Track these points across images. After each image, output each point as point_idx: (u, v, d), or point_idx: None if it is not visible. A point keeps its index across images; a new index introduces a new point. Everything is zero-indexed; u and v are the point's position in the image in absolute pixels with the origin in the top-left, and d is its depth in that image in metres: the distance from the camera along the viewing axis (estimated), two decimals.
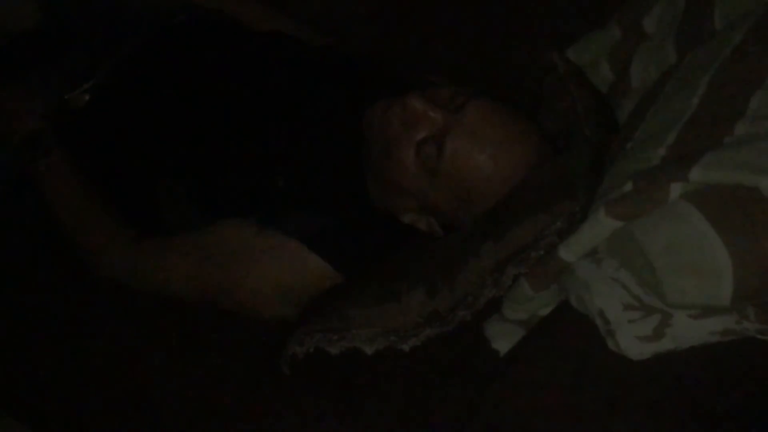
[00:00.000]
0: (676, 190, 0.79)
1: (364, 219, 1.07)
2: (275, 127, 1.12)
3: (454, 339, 0.92)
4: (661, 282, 0.77)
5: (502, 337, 0.91)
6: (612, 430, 0.78)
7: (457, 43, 1.38)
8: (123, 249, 1.10)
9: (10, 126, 1.16)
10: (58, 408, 1.11)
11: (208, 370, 1.01)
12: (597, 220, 0.82)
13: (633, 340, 0.79)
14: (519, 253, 0.89)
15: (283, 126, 1.12)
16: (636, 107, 1.03)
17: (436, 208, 1.02)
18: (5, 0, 1.34)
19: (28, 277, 1.16)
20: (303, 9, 1.44)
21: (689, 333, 0.79)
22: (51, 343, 1.10)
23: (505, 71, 1.33)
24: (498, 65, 1.34)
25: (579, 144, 0.99)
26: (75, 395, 1.08)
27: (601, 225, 0.82)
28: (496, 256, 0.90)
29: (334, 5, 1.45)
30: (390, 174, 1.02)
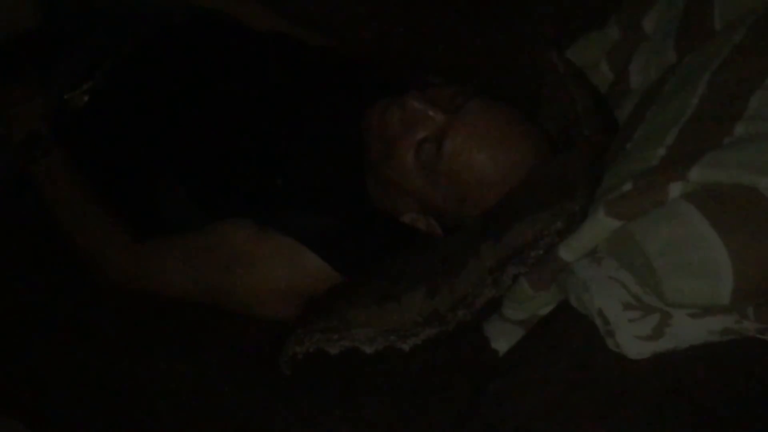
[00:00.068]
0: (675, 189, 0.79)
1: (363, 219, 1.06)
2: (275, 127, 1.12)
3: (453, 339, 0.92)
4: (661, 281, 0.77)
5: (501, 337, 0.91)
6: (611, 429, 0.78)
7: (457, 43, 1.38)
8: (123, 249, 1.10)
9: (9, 126, 1.15)
10: (58, 408, 1.11)
11: (208, 370, 1.01)
12: (597, 219, 0.82)
13: (632, 339, 0.80)
14: (519, 253, 0.89)
15: (283, 126, 1.12)
16: (635, 107, 1.04)
17: (435, 208, 1.02)
18: (5, 0, 1.33)
19: (28, 277, 1.16)
20: (302, 9, 1.44)
21: (689, 332, 0.79)
22: (51, 343, 1.10)
23: (505, 71, 1.32)
24: (498, 65, 1.34)
25: (578, 144, 0.98)
26: (75, 395, 1.08)
27: (601, 225, 0.82)
28: (495, 255, 0.90)
29: (333, 5, 1.44)
30: (390, 174, 1.03)
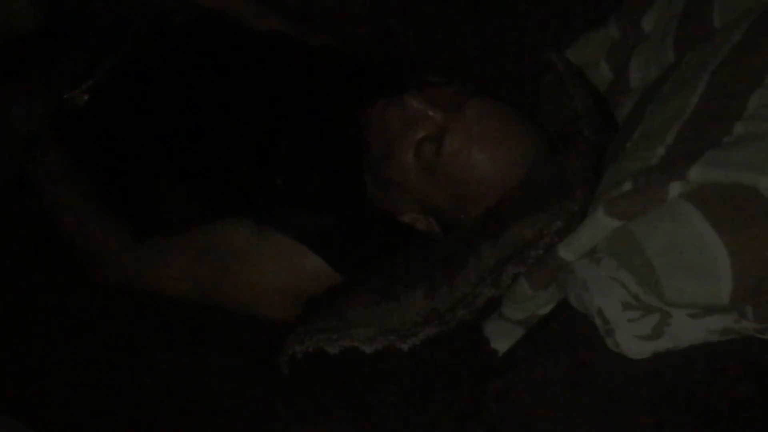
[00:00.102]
0: (675, 189, 0.79)
1: (363, 219, 1.07)
2: (274, 127, 1.12)
3: (453, 338, 0.92)
4: (660, 281, 0.77)
5: (501, 337, 0.91)
6: (611, 428, 0.78)
7: (457, 43, 1.38)
8: (122, 249, 1.10)
9: (9, 126, 1.16)
10: (58, 408, 1.11)
11: (207, 369, 1.01)
12: (596, 219, 0.82)
13: (632, 339, 0.80)
14: (518, 253, 0.89)
15: (282, 126, 1.12)
16: (635, 106, 1.03)
17: (435, 207, 1.02)
18: (5, 0, 1.33)
19: (28, 277, 1.16)
20: (302, 9, 1.44)
21: (688, 332, 0.79)
22: (51, 343, 1.10)
23: (505, 71, 1.32)
24: (497, 65, 1.34)
25: (578, 143, 0.98)
26: (75, 395, 1.08)
27: (601, 224, 0.82)
28: (495, 255, 0.90)
29: (332, 5, 1.44)
30: (389, 173, 1.03)
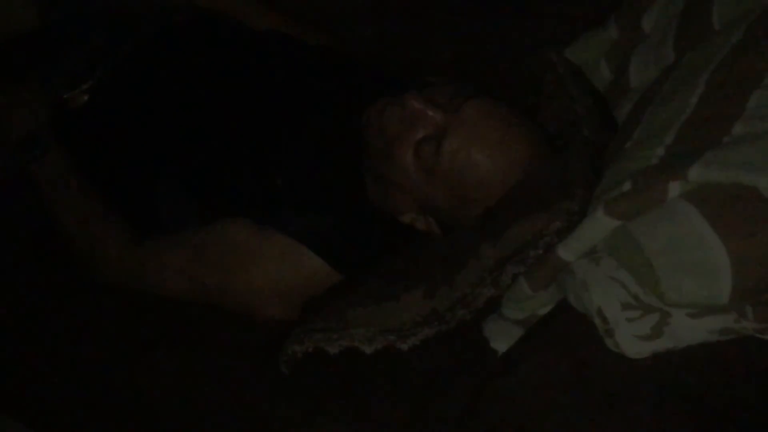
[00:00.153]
0: (674, 189, 0.79)
1: (363, 219, 1.06)
2: (274, 127, 1.12)
3: (453, 338, 0.92)
4: (660, 281, 0.77)
5: (500, 337, 0.91)
6: (611, 428, 0.78)
7: (457, 43, 1.38)
8: (122, 249, 1.10)
9: (9, 126, 1.16)
10: (57, 408, 1.11)
11: (207, 369, 1.01)
12: (596, 219, 0.82)
13: (631, 338, 0.80)
14: (518, 253, 0.89)
15: (282, 126, 1.12)
16: (635, 106, 1.03)
17: (434, 207, 1.02)
18: (5, 0, 1.34)
19: (28, 277, 1.16)
20: (301, 9, 1.44)
21: (687, 332, 0.79)
22: (50, 343, 1.10)
23: (504, 71, 1.33)
24: (497, 65, 1.34)
25: (578, 143, 0.99)
26: (75, 395, 1.08)
27: (600, 224, 0.82)
28: (495, 255, 0.89)
29: (332, 5, 1.45)
30: (389, 173, 1.03)
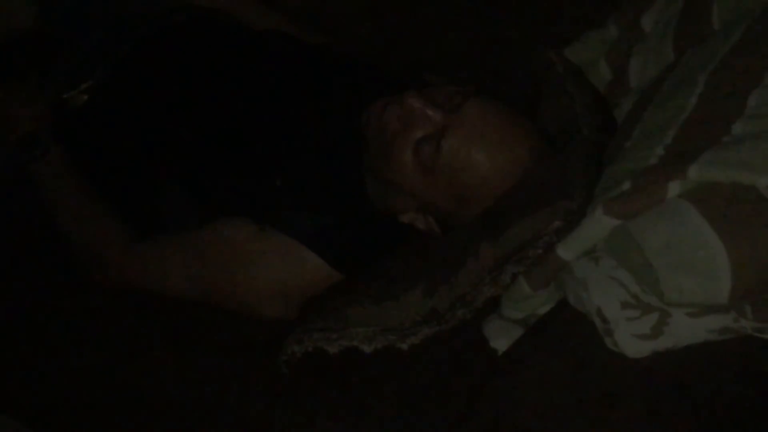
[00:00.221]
0: (674, 188, 0.79)
1: (362, 218, 1.07)
2: (273, 127, 1.12)
3: (452, 338, 0.92)
4: (659, 280, 0.77)
5: (500, 336, 0.91)
6: (610, 428, 0.78)
7: (456, 43, 1.38)
8: (122, 249, 1.10)
9: (9, 126, 1.16)
10: (57, 408, 1.11)
11: (207, 369, 1.01)
12: (595, 218, 0.82)
13: (631, 338, 0.79)
14: (517, 252, 0.89)
15: (282, 125, 1.12)
16: (634, 106, 1.03)
17: (434, 207, 1.02)
18: (5, 0, 1.34)
19: (28, 277, 1.16)
20: (300, 8, 1.44)
21: (687, 331, 0.79)
22: (51, 343, 1.10)
23: (505, 71, 1.33)
24: (497, 65, 1.34)
25: (577, 143, 0.98)
26: (75, 395, 1.08)
27: (600, 223, 0.82)
28: (494, 254, 0.89)
29: (332, 5, 1.45)
30: (388, 173, 1.03)
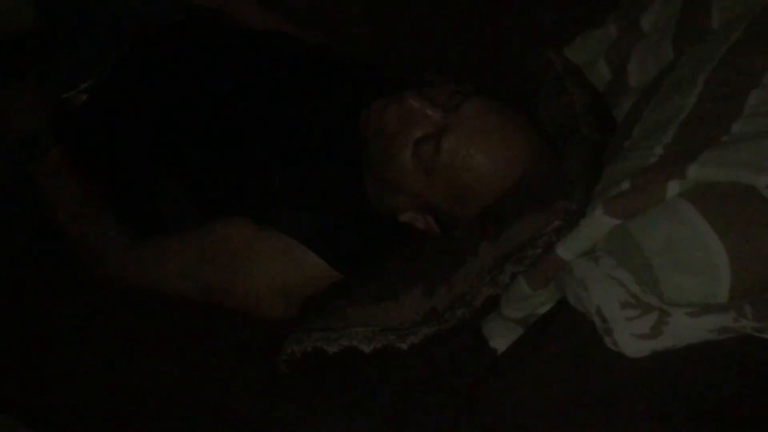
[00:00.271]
0: (673, 188, 0.79)
1: (362, 218, 1.07)
2: (273, 127, 1.12)
3: (452, 338, 0.92)
4: (659, 280, 0.77)
5: (499, 336, 0.91)
6: (610, 428, 0.78)
7: (456, 43, 1.38)
8: (121, 248, 1.10)
9: (9, 125, 1.16)
10: (57, 408, 1.11)
11: (206, 369, 1.01)
12: (595, 218, 0.82)
13: (630, 337, 0.79)
14: (517, 252, 0.89)
15: (280, 125, 1.12)
16: (633, 105, 1.03)
17: (433, 206, 1.02)
18: (4, 0, 1.34)
19: (28, 277, 1.16)
20: (300, 8, 1.44)
21: (687, 331, 0.79)
22: (51, 343, 1.10)
23: (504, 71, 1.33)
24: (497, 65, 1.34)
25: (576, 143, 0.98)
26: (75, 395, 1.08)
27: (599, 223, 0.82)
28: (493, 254, 0.90)
29: (332, 5, 1.45)
30: (388, 173, 1.03)
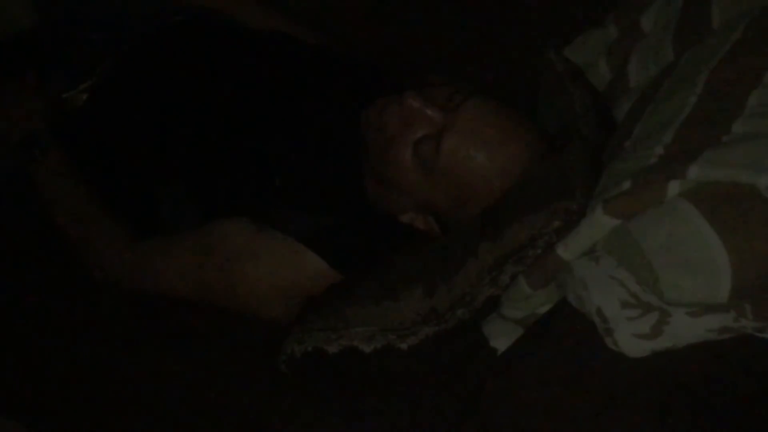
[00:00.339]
0: (674, 188, 0.79)
1: (362, 218, 1.07)
2: (272, 127, 1.12)
3: (452, 338, 0.92)
4: (659, 279, 0.77)
5: (500, 336, 0.91)
6: (610, 428, 0.78)
7: (455, 43, 1.38)
8: (121, 249, 1.10)
9: (9, 126, 1.16)
10: (57, 408, 1.11)
11: (206, 369, 1.01)
12: (595, 218, 0.82)
13: (631, 338, 0.79)
14: (517, 252, 0.89)
15: (281, 125, 1.12)
16: (634, 105, 1.03)
17: (433, 206, 1.02)
18: (4, 0, 1.34)
19: (28, 277, 1.16)
20: (299, 8, 1.44)
21: (687, 331, 0.79)
22: (51, 344, 1.10)
23: (505, 71, 1.33)
24: (497, 65, 1.34)
25: (577, 143, 0.98)
26: (74, 395, 1.08)
27: (599, 223, 0.82)
28: (494, 254, 0.89)
29: (332, 5, 1.45)
30: (388, 173, 1.03)
